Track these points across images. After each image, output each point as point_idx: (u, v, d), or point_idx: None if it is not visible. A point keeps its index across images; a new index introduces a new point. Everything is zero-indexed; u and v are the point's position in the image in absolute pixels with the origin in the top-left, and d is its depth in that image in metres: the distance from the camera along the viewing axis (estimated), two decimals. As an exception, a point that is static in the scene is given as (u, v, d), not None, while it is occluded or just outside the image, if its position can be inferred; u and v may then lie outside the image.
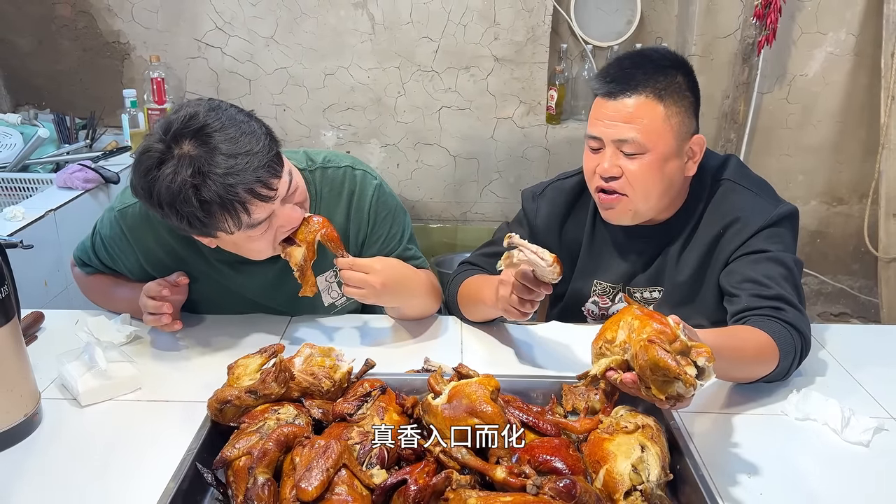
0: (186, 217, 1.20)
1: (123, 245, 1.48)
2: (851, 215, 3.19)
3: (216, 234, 1.26)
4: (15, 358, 1.11)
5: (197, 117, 1.19)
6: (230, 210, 1.20)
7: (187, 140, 1.18)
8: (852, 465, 1.11)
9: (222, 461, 0.96)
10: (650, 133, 1.35)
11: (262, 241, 1.31)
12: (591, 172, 1.43)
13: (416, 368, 1.30)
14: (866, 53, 2.92)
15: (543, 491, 0.87)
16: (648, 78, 1.36)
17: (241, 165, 1.18)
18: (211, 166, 1.17)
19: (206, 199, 1.17)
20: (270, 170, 1.23)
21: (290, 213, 1.31)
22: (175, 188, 1.17)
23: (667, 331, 0.96)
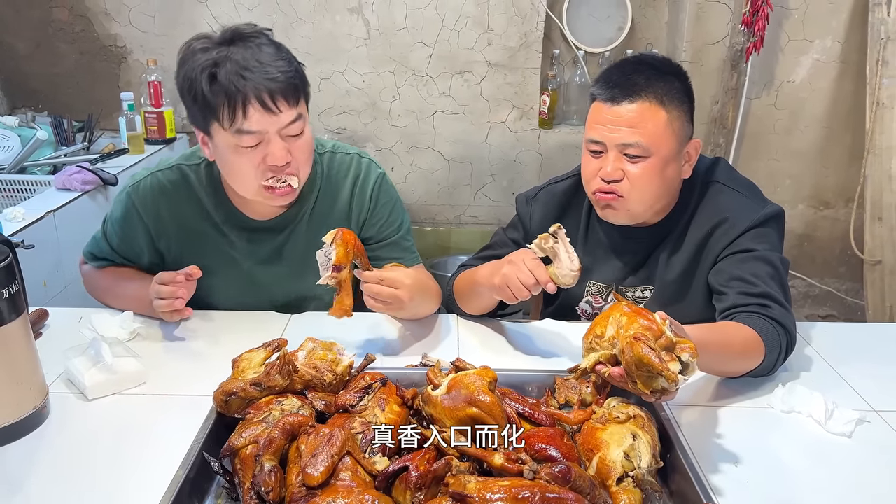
0: (197, 95, 1.33)
1: (135, 221, 1.54)
2: (838, 219, 3.25)
3: (213, 124, 1.36)
4: (24, 352, 1.14)
5: (239, 28, 1.37)
6: (232, 101, 1.31)
7: (229, 41, 1.34)
8: (835, 455, 1.15)
9: (229, 449, 1.00)
10: (654, 137, 1.39)
11: (246, 161, 1.37)
12: (592, 175, 1.46)
13: (415, 363, 1.33)
14: (852, 60, 2.98)
15: (540, 476, 0.90)
16: (651, 84, 1.40)
17: (257, 69, 1.31)
18: (233, 58, 1.31)
19: (217, 82, 1.31)
20: (282, 91, 1.34)
21: (281, 149, 1.37)
22: (199, 67, 1.32)
23: (653, 327, 1.01)
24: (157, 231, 1.56)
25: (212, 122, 1.36)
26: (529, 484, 0.88)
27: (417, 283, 1.42)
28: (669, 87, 1.42)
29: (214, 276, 1.57)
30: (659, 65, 1.46)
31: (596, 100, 1.46)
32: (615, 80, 1.43)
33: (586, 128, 1.48)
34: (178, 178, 1.55)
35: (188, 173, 1.55)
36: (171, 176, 1.55)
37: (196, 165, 1.56)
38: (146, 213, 1.54)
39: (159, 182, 1.54)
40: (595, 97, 1.46)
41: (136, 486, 1.03)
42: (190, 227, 1.55)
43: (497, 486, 0.88)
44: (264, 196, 1.44)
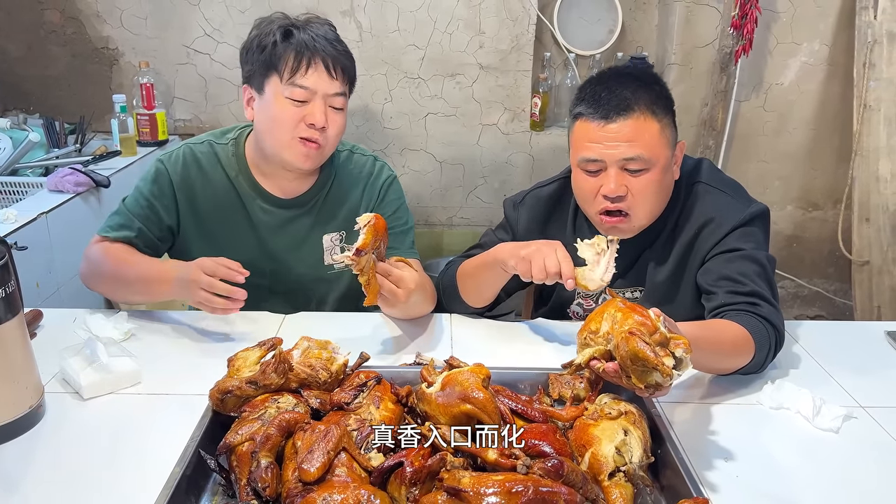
0: (266, 47, 1.51)
1: (165, 184, 1.63)
2: (826, 220, 3.28)
3: (271, 77, 1.51)
4: (20, 351, 1.15)
5: (310, 16, 1.58)
6: (299, 56, 1.49)
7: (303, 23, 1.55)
8: (823, 450, 1.17)
9: (226, 447, 1.01)
10: (652, 148, 1.40)
11: (289, 114, 1.51)
12: (592, 195, 1.45)
13: (409, 362, 1.35)
14: (839, 63, 3.02)
15: (533, 471, 0.92)
16: (639, 96, 1.40)
17: (325, 40, 1.52)
18: (307, 28, 1.53)
19: (290, 39, 1.50)
20: (342, 65, 1.54)
21: (322, 111, 1.52)
22: (275, 26, 1.53)
23: (647, 323, 1.02)
24: (183, 197, 1.64)
25: (271, 75, 1.52)
26: (523, 478, 0.90)
27: (419, 286, 1.45)
28: (655, 96, 1.43)
29: (230, 242, 1.66)
30: (639, 75, 1.47)
31: (582, 118, 1.44)
32: (603, 97, 1.41)
33: (576, 147, 1.46)
34: (209, 151, 1.67)
35: (217, 149, 1.67)
36: (202, 149, 1.67)
37: (224, 145, 1.68)
38: (177, 176, 1.63)
39: (192, 152, 1.66)
40: (580, 116, 1.44)
41: (132, 484, 1.03)
42: (216, 195, 1.65)
43: (491, 480, 0.89)
44: (293, 149, 1.55)
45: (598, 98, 1.42)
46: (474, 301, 1.59)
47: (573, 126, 1.48)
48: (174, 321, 1.54)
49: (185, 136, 3.23)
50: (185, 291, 1.41)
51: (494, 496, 0.87)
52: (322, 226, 1.70)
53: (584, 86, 1.48)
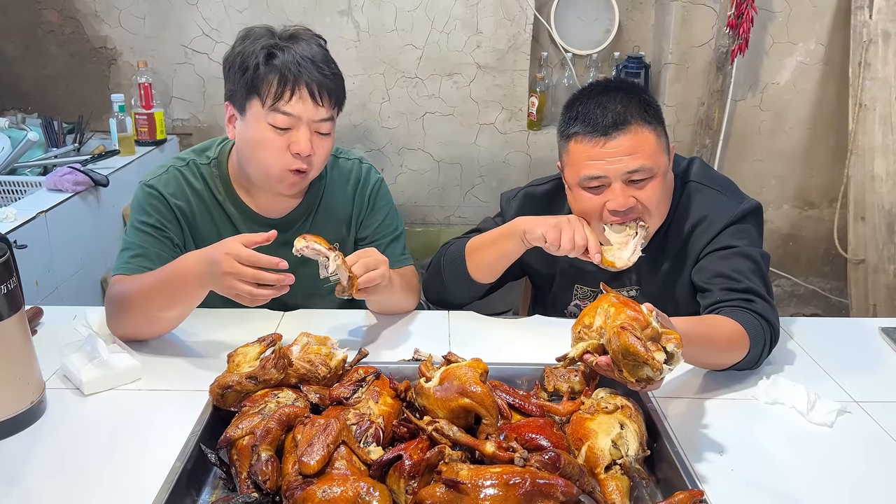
0: (248, 68, 1.42)
1: (164, 209, 1.54)
2: (822, 219, 3.30)
3: (252, 100, 1.44)
4: (22, 347, 1.16)
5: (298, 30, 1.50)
6: (283, 81, 1.41)
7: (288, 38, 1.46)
8: (817, 444, 1.18)
9: (226, 441, 1.02)
10: (653, 156, 1.41)
11: (271, 143, 1.45)
12: (597, 211, 1.44)
13: (407, 358, 1.36)
14: (835, 62, 3.03)
15: (530, 463, 0.93)
16: (632, 108, 1.40)
17: (310, 63, 1.43)
18: (292, 49, 1.43)
19: (273, 62, 1.42)
20: (329, 90, 1.46)
21: (307, 139, 1.45)
22: (259, 45, 1.43)
23: (640, 318, 1.04)
24: (182, 216, 1.56)
25: (252, 98, 1.44)
26: (520, 470, 0.91)
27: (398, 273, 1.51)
28: (644, 105, 1.43)
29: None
30: (624, 86, 1.47)
31: (578, 137, 1.42)
32: (598, 114, 1.40)
33: (575, 167, 1.44)
34: (194, 173, 1.59)
35: (203, 170, 1.60)
36: (188, 171, 1.59)
37: (207, 164, 1.61)
38: (172, 198, 1.55)
39: (181, 174, 1.58)
40: (575, 135, 1.43)
41: (133, 479, 1.04)
42: (203, 218, 1.59)
43: (489, 472, 0.90)
44: (277, 179, 1.50)
45: (592, 116, 1.41)
46: (482, 275, 1.61)
47: (567, 146, 1.45)
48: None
49: (183, 136, 3.24)
50: (218, 285, 1.29)
51: (492, 488, 0.88)
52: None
53: (573, 104, 1.47)
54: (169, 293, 1.36)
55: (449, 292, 1.66)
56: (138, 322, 1.41)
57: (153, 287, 1.38)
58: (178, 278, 1.34)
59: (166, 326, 1.45)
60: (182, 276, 1.33)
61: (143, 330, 1.43)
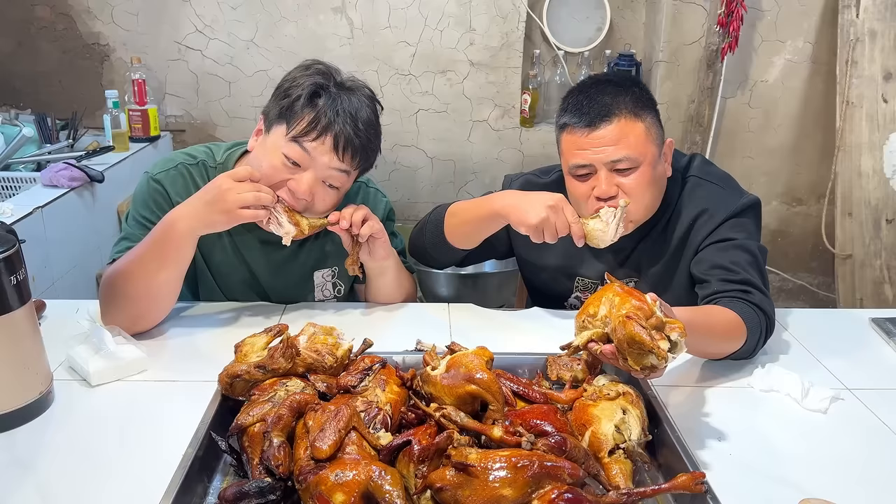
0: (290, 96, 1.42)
1: (164, 203, 1.51)
2: (810, 215, 3.35)
3: (280, 125, 1.43)
4: (30, 338, 1.17)
5: (358, 83, 1.50)
6: (314, 123, 1.40)
7: (344, 86, 1.47)
8: (811, 429, 1.21)
9: (238, 427, 1.03)
10: (638, 147, 1.44)
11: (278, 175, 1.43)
12: (585, 198, 1.49)
13: (410, 349, 1.37)
14: (822, 61, 3.08)
15: (537, 446, 0.95)
16: (620, 100, 1.45)
17: (349, 117, 1.42)
18: (339, 96, 1.43)
19: (314, 101, 1.42)
20: (356, 150, 1.44)
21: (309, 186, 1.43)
22: (309, 81, 1.43)
23: (644, 307, 1.06)
24: None
25: (280, 122, 1.43)
26: (528, 454, 0.93)
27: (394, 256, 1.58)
28: (635, 98, 1.47)
29: (225, 276, 1.62)
30: (618, 80, 1.51)
31: (568, 128, 1.49)
32: (585, 105, 1.46)
33: (566, 156, 1.50)
34: (202, 174, 1.57)
35: (210, 172, 1.57)
36: (194, 171, 1.57)
37: (214, 168, 1.58)
38: (176, 196, 1.52)
39: (189, 171, 1.56)
40: (566, 126, 1.49)
41: (144, 466, 1.05)
42: None
43: (498, 455, 0.92)
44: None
45: (580, 107, 1.47)
46: (458, 241, 1.64)
47: (561, 136, 1.52)
48: (176, 310, 1.55)
49: (176, 133, 3.25)
50: (216, 211, 1.34)
51: (501, 470, 0.90)
52: (315, 264, 1.66)
53: (567, 97, 1.53)
54: (159, 248, 1.38)
55: (428, 253, 1.71)
56: (135, 296, 1.39)
57: (143, 250, 1.40)
58: (165, 228, 1.37)
59: (163, 296, 1.43)
60: (169, 223, 1.37)
61: (140, 307, 1.41)
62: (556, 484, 0.91)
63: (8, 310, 1.11)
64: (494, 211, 1.52)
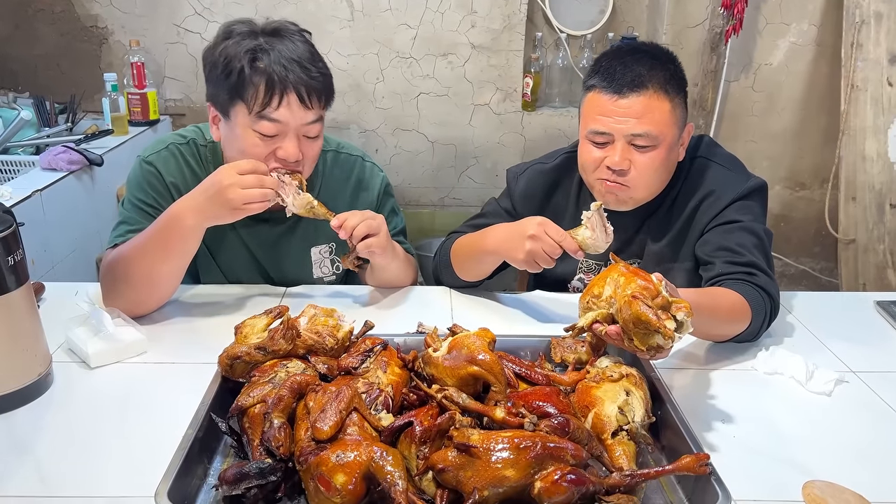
0: (233, 73, 1.36)
1: (160, 186, 1.51)
2: (813, 199, 3.33)
3: (237, 105, 1.38)
4: (28, 319, 1.16)
5: (282, 24, 1.43)
6: (270, 88, 1.36)
7: (270, 33, 1.41)
8: (816, 411, 1.20)
9: (238, 409, 1.02)
10: (661, 126, 1.42)
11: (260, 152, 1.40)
12: (595, 165, 1.47)
13: (411, 332, 1.36)
14: (827, 44, 3.05)
15: (540, 428, 0.94)
16: (654, 73, 1.42)
17: (297, 65, 1.37)
18: (277, 48, 1.37)
19: (259, 66, 1.36)
20: (318, 91, 1.40)
21: (295, 146, 1.41)
22: (242, 48, 1.37)
23: (650, 287, 1.05)
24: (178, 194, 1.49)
25: (236, 103, 1.39)
26: (531, 435, 0.92)
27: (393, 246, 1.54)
28: (669, 75, 1.44)
29: (220, 255, 1.61)
30: (655, 52, 1.47)
31: (595, 90, 1.45)
32: (618, 71, 1.42)
33: (586, 119, 1.47)
34: (192, 152, 1.56)
35: (202, 152, 1.57)
36: (185, 149, 1.56)
37: (204, 146, 1.57)
38: (170, 176, 1.52)
39: (180, 152, 1.55)
40: (593, 88, 1.46)
41: (144, 447, 1.05)
42: None
43: (500, 436, 0.91)
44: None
45: (612, 72, 1.43)
46: (473, 279, 1.61)
47: (585, 97, 1.49)
48: (176, 292, 1.54)
49: (175, 116, 3.22)
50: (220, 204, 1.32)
51: (504, 451, 0.89)
52: (311, 239, 1.65)
53: (601, 59, 1.49)
54: (163, 240, 1.36)
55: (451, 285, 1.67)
56: (137, 284, 1.39)
57: (147, 239, 1.38)
58: (171, 219, 1.35)
59: (165, 285, 1.43)
60: (175, 216, 1.35)
61: (142, 294, 1.41)
62: (558, 465, 0.90)
63: (5, 291, 1.10)
64: (489, 251, 1.51)
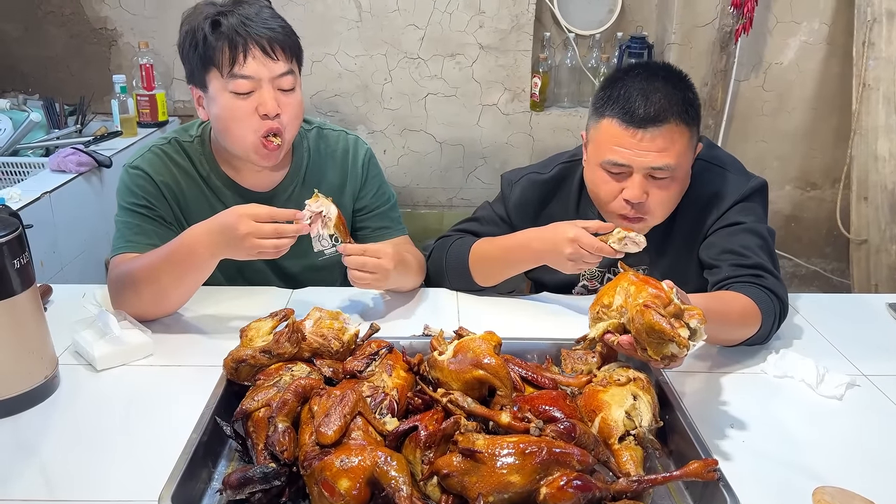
0: (198, 43, 1.41)
1: (150, 188, 1.53)
2: (824, 199, 3.30)
3: (210, 72, 1.42)
4: (35, 322, 1.16)
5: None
6: (233, 46, 1.39)
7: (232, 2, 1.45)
8: (827, 416, 1.19)
9: (243, 412, 1.02)
10: (680, 157, 1.39)
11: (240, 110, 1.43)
12: (611, 197, 1.44)
13: (417, 334, 1.36)
14: (838, 42, 3.03)
15: (546, 433, 0.93)
16: (673, 103, 1.37)
17: (259, 21, 1.41)
18: (237, 12, 1.42)
19: (219, 29, 1.40)
20: (280, 42, 1.43)
21: (272, 98, 1.43)
22: (202, 17, 1.42)
23: (661, 295, 1.04)
24: (169, 194, 1.55)
25: (210, 70, 1.43)
26: (536, 440, 0.91)
27: (397, 253, 1.49)
28: (686, 102, 1.39)
29: None
30: (670, 76, 1.42)
31: (611, 119, 1.39)
32: (637, 103, 1.36)
33: (601, 147, 1.42)
34: (177, 150, 1.58)
35: (186, 146, 1.59)
36: (168, 149, 1.58)
37: (189, 142, 1.59)
38: (157, 176, 1.54)
39: (162, 151, 1.57)
40: (609, 116, 1.40)
41: (149, 451, 1.05)
42: (191, 194, 1.58)
43: (505, 441, 0.91)
44: (257, 151, 1.48)
45: (630, 103, 1.37)
46: (492, 282, 1.60)
47: (599, 123, 1.42)
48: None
49: (184, 118, 3.23)
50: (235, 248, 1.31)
51: (509, 457, 0.89)
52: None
53: (613, 83, 1.42)
54: (178, 268, 1.36)
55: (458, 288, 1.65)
56: (145, 301, 1.40)
57: (160, 263, 1.37)
58: (186, 251, 1.34)
59: (173, 304, 1.45)
60: (191, 248, 1.34)
61: (150, 309, 1.42)
62: (564, 471, 0.89)
63: (11, 294, 1.10)
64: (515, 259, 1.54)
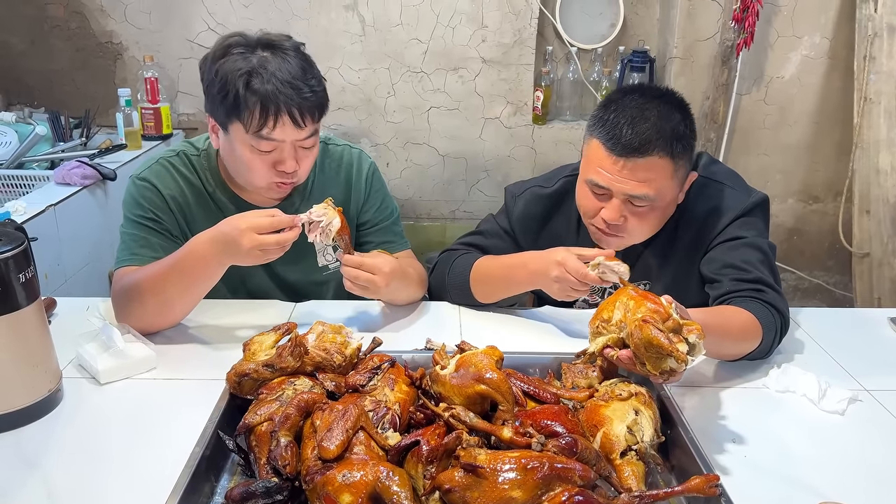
0: (229, 94, 1.38)
1: (157, 199, 1.54)
2: (826, 213, 3.30)
3: (234, 123, 1.41)
4: (39, 336, 1.17)
5: (274, 39, 1.44)
6: (265, 110, 1.38)
7: (265, 47, 1.42)
8: (829, 431, 1.19)
9: (245, 427, 1.02)
10: (660, 189, 1.40)
11: (258, 162, 1.45)
12: (593, 212, 1.46)
13: (419, 348, 1.36)
14: (840, 56, 3.04)
15: (547, 448, 0.94)
16: (661, 135, 1.36)
17: (294, 86, 1.39)
18: (269, 69, 1.39)
19: (253, 88, 1.37)
20: (311, 109, 1.43)
21: (293, 160, 1.45)
22: (237, 67, 1.38)
23: (660, 310, 1.04)
24: (175, 206, 1.56)
25: (233, 121, 1.42)
26: (538, 455, 0.92)
27: (396, 270, 1.49)
28: (677, 133, 1.38)
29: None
30: (664, 101, 1.41)
31: (597, 142, 1.41)
32: (624, 129, 1.36)
33: (586, 164, 1.45)
34: (184, 163, 1.59)
35: (193, 160, 1.60)
36: (176, 161, 1.59)
37: (196, 155, 1.61)
38: (165, 189, 1.55)
39: (170, 163, 1.58)
40: (597, 137, 1.41)
41: (152, 464, 1.05)
42: (197, 207, 1.59)
43: (507, 457, 0.91)
44: (265, 189, 1.52)
45: (617, 129, 1.37)
46: (490, 300, 1.60)
47: (589, 142, 1.44)
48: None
49: (189, 131, 3.25)
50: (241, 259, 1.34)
51: (511, 472, 0.89)
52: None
53: (608, 105, 1.43)
54: (185, 277, 1.38)
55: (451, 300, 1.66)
56: (150, 312, 1.41)
57: (166, 273, 1.38)
58: (192, 260, 1.36)
59: (178, 315, 1.46)
60: (197, 257, 1.36)
61: (155, 320, 1.43)
62: (566, 486, 0.90)
63: (16, 308, 1.11)
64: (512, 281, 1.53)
